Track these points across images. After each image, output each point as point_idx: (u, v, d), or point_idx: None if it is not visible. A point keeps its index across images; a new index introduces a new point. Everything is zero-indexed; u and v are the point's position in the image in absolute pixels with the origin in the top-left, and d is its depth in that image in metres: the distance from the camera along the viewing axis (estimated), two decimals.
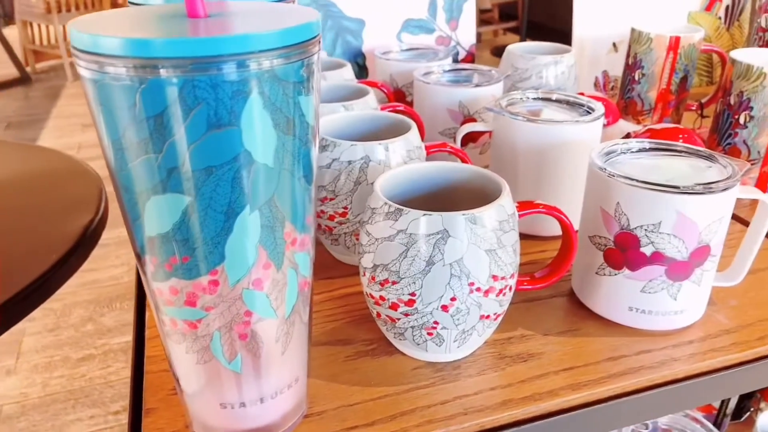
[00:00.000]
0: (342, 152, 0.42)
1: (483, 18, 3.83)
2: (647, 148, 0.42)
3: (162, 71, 0.21)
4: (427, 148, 0.47)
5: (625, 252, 0.38)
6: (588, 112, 0.50)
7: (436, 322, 0.34)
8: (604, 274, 0.40)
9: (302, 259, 0.29)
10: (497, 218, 0.33)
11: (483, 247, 0.33)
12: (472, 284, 0.33)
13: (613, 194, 0.38)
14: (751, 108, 0.53)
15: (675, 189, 0.36)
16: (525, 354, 0.38)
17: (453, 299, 0.33)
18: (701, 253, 0.37)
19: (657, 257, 0.37)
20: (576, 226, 0.41)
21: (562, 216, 0.38)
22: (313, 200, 0.30)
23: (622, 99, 0.74)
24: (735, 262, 0.42)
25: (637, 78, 0.71)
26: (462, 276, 0.33)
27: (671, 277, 0.38)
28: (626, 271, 0.39)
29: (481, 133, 0.58)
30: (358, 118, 0.48)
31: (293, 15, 0.26)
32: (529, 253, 0.49)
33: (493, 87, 0.58)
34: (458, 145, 0.54)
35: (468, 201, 0.37)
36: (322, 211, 0.44)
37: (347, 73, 0.63)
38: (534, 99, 0.53)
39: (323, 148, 0.43)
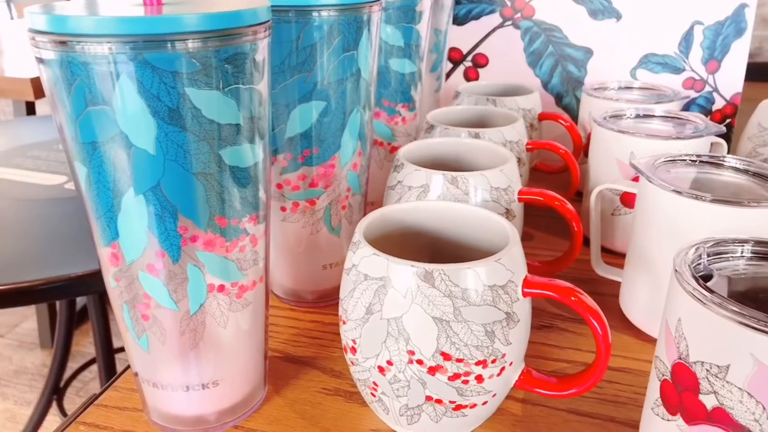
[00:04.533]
0: (406, 175, 0.39)
1: None
2: None
3: (48, 46, 0.23)
4: (520, 193, 0.39)
5: (681, 393, 0.26)
6: None
7: (375, 383, 0.29)
8: (657, 415, 0.28)
9: (212, 261, 0.28)
10: (462, 284, 0.26)
11: (431, 313, 0.27)
12: (411, 353, 0.27)
13: (677, 306, 0.26)
14: None
15: (754, 321, 0.23)
16: None
17: (389, 362, 0.28)
18: None
19: (720, 417, 0.25)
20: None
21: (593, 320, 0.28)
22: (250, 204, 0.28)
23: None
24: None
25: None
26: (400, 339, 0.27)
27: None
28: (680, 421, 0.26)
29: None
30: (457, 145, 0.43)
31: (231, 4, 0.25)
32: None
33: (684, 143, 0.45)
34: (595, 206, 0.44)
35: (477, 254, 0.30)
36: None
37: (526, 102, 0.56)
38: (707, 163, 0.39)
39: (395, 167, 0.40)
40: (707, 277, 0.28)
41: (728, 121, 0.65)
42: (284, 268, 0.43)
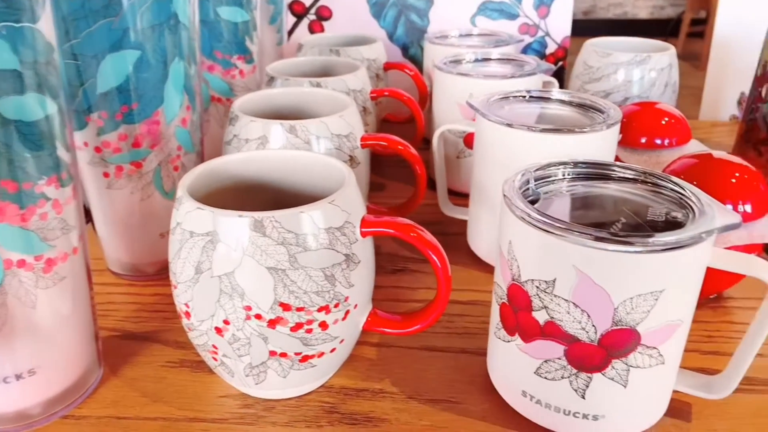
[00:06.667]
0: (242, 128, 0.36)
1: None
2: (615, 175, 0.30)
3: None
4: (362, 139, 0.39)
5: (517, 313, 0.27)
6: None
7: (214, 346, 0.27)
8: (499, 338, 0.29)
9: (6, 232, 0.24)
10: (296, 230, 0.25)
11: (265, 264, 0.25)
12: (248, 308, 0.26)
13: (507, 230, 0.27)
14: None
15: (575, 234, 0.24)
16: (362, 416, 0.29)
17: (226, 322, 0.26)
18: (620, 338, 0.25)
19: (552, 330, 0.26)
20: None
21: (431, 254, 0.27)
22: (46, 165, 0.25)
23: (744, 121, 0.55)
24: (729, 367, 0.28)
25: (765, 94, 0.53)
26: (234, 295, 0.25)
27: (573, 363, 0.26)
28: (518, 340, 0.27)
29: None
30: (297, 95, 0.42)
31: None
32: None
33: (518, 81, 0.46)
34: (438, 147, 0.44)
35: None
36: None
37: (370, 52, 0.56)
38: (536, 98, 0.41)
39: (230, 121, 0.38)
40: (535, 201, 0.28)
41: (560, 63, 0.69)
42: (118, 240, 0.39)
